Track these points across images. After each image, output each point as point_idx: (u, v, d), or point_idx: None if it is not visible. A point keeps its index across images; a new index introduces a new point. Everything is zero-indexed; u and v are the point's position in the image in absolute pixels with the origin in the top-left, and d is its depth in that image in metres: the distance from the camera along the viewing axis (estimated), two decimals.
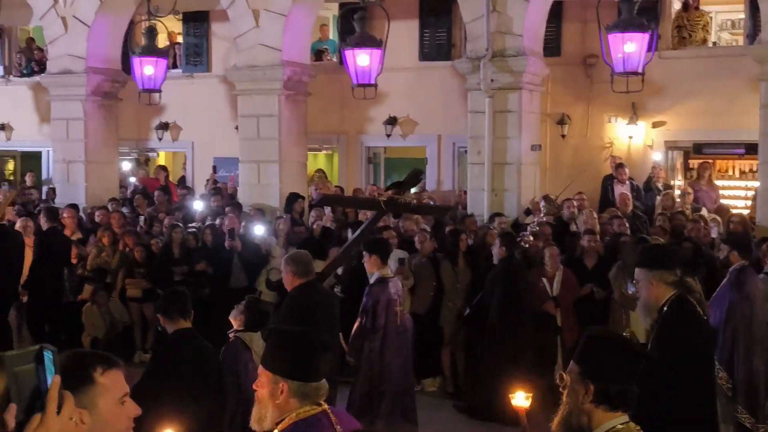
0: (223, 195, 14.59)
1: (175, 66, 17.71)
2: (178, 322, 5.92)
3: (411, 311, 9.40)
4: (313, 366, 3.58)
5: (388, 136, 16.39)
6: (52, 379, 2.22)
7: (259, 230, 11.24)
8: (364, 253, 8.18)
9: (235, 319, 6.49)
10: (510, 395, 4.14)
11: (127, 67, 14.73)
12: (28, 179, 18.29)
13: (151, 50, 13.71)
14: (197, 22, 17.81)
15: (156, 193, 14.93)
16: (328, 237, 11.36)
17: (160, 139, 18.35)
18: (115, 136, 15.49)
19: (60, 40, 14.76)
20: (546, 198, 11.82)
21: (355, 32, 12.08)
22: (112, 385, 2.86)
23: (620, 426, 3.21)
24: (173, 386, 5.70)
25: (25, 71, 19.41)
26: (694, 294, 5.42)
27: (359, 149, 17.18)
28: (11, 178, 20.30)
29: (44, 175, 19.69)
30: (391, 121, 16.31)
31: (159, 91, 13.83)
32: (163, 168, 17.93)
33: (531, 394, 4.11)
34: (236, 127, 15.11)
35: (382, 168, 17.64)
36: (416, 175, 9.06)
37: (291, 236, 11.48)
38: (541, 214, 11.26)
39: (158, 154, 20.20)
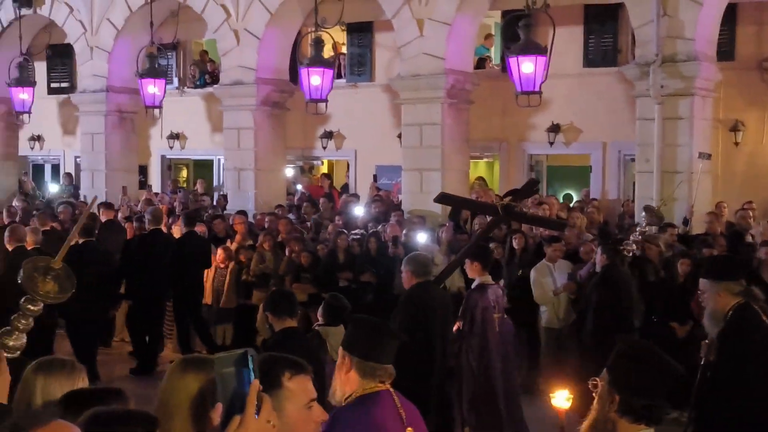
0: (385, 202, 14.77)
1: (339, 76, 18.09)
2: (285, 320, 6.16)
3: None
4: (378, 348, 3.97)
5: (551, 143, 16.18)
6: (252, 383, 2.30)
7: (421, 238, 11.31)
8: (466, 259, 8.26)
9: (319, 315, 6.94)
10: (551, 395, 4.15)
11: (294, 77, 15.19)
12: (200, 186, 19.10)
13: (318, 61, 14.05)
14: (361, 32, 18.15)
15: (321, 200, 15.28)
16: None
17: (324, 148, 18.79)
18: (283, 145, 15.98)
19: (232, 53, 15.36)
20: (647, 208, 11.28)
21: (518, 39, 12.00)
22: (299, 390, 2.94)
23: None
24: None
25: (198, 83, 20.29)
26: (758, 302, 5.55)
27: (521, 157, 17.04)
28: (184, 185, 21.25)
29: (215, 183, 20.53)
30: (554, 129, 16.11)
31: (325, 100, 14.14)
32: (327, 176, 18.35)
33: (572, 396, 4.08)
34: (398, 136, 15.30)
35: (545, 176, 17.41)
36: (532, 185, 9.28)
37: (453, 244, 11.49)
38: (644, 224, 10.78)
39: (322, 163, 20.67)
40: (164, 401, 3.41)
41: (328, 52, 16.07)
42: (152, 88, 15.61)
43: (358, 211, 14.13)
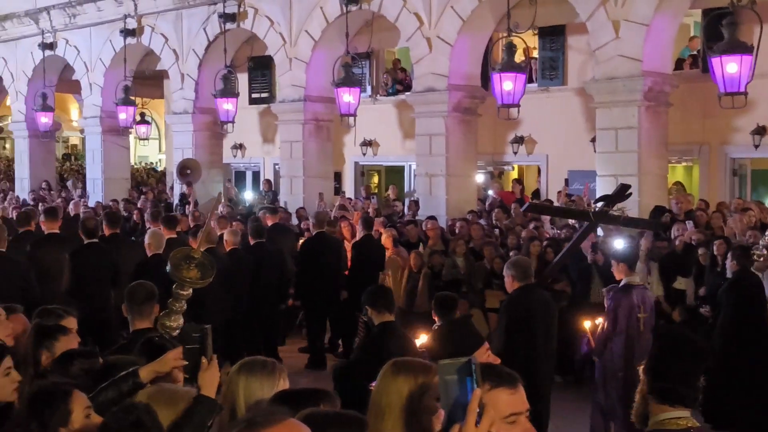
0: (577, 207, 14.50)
1: (530, 80, 17.93)
2: (384, 315, 6.44)
3: None
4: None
5: (756, 146, 15.37)
6: (474, 391, 2.30)
7: (619, 244, 11.00)
8: (612, 261, 8.51)
9: (433, 314, 7.04)
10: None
11: (486, 83, 15.18)
12: (391, 192, 19.44)
13: (510, 66, 13.98)
14: (553, 35, 17.93)
15: (513, 205, 15.19)
16: (690, 252, 10.89)
17: (515, 153, 18.67)
18: (474, 151, 16.00)
19: (424, 60, 15.55)
20: None
21: (721, 38, 11.49)
22: (497, 403, 2.91)
23: (669, 419, 3.54)
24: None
25: (390, 90, 20.67)
26: None
27: (722, 161, 16.29)
28: (375, 191, 21.69)
29: (406, 188, 20.83)
30: (760, 131, 15.29)
31: (517, 105, 14.06)
32: (519, 181, 18.23)
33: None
34: (592, 140, 14.99)
35: (749, 180, 16.56)
36: (624, 190, 9.26)
37: (653, 251, 11.14)
38: None
39: (513, 168, 20.56)
40: (376, 402, 3.49)
41: (519, 57, 15.98)
42: (347, 96, 16.03)
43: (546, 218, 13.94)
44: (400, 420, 3.36)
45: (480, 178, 19.77)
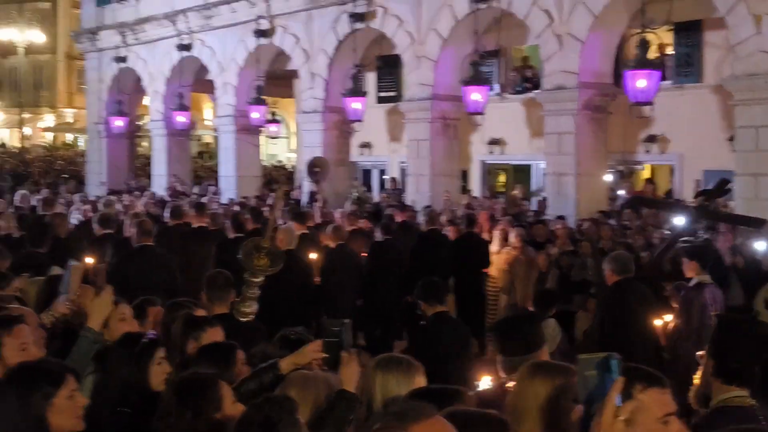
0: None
1: (664, 77, 17.45)
2: (435, 306, 6.84)
3: None
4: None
5: None
6: (613, 384, 2.27)
7: (760, 246, 10.60)
8: (683, 258, 8.41)
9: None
10: None
11: (617, 80, 14.85)
12: (518, 191, 19.27)
13: (644, 63, 13.64)
14: (689, 31, 17.37)
15: None
16: None
17: (647, 152, 18.21)
18: (604, 149, 15.68)
19: (554, 57, 15.33)
20: None
21: None
22: (651, 403, 2.86)
23: (733, 398, 3.66)
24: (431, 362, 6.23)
25: (518, 88, 20.48)
26: None
27: None
28: (502, 189, 21.54)
29: (532, 188, 20.60)
30: None
31: (650, 103, 13.70)
32: (650, 181, 17.77)
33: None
34: (729, 139, 14.47)
35: None
36: (723, 185, 9.41)
37: None
38: None
39: (644, 167, 20.05)
40: (513, 404, 3.48)
41: (653, 54, 15.58)
42: (475, 94, 15.97)
43: (678, 221, 13.50)
44: (538, 422, 3.34)
45: (609, 177, 19.38)
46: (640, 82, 13.52)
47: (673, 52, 18.01)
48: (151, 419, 3.49)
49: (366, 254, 11.40)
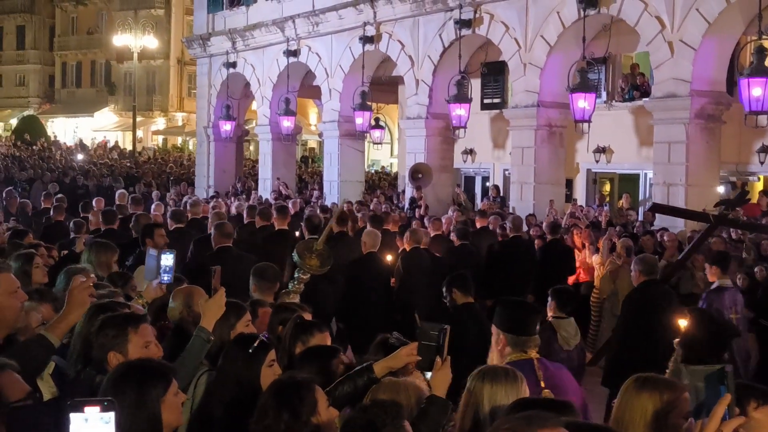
0: None
1: None
2: (467, 297, 7.22)
3: None
4: (524, 323, 4.71)
5: None
6: (723, 397, 2.22)
7: None
8: (705, 264, 9.26)
9: (548, 307, 7.19)
10: None
11: (731, 88, 14.40)
12: (625, 201, 18.88)
13: (760, 71, 13.19)
14: None
15: (759, 219, 14.32)
16: None
17: (761, 163, 17.61)
18: (717, 160, 15.23)
19: (665, 65, 14.97)
20: None
21: None
22: (765, 421, 2.79)
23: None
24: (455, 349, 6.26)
25: (627, 96, 20.09)
26: None
27: None
28: (608, 199, 21.15)
29: (640, 197, 20.16)
30: None
31: (766, 113, 13.24)
32: (766, 193, 17.16)
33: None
34: None
35: None
36: (743, 195, 10.01)
37: None
38: None
39: (759, 179, 19.39)
40: (618, 418, 3.40)
41: None
42: (582, 102, 15.72)
43: None
44: None
45: (722, 188, 18.82)
46: (755, 90, 13.08)
47: None
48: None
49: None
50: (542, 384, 4.47)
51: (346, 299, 10.10)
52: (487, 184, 23.30)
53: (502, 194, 20.59)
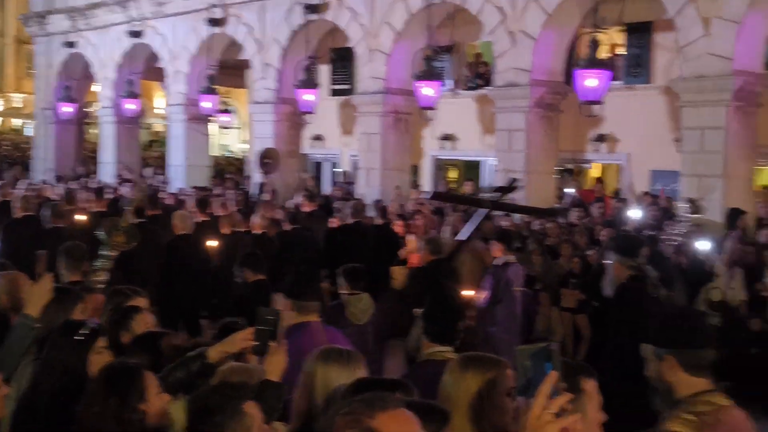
0: (660, 208, 14.22)
1: (615, 77, 17.59)
2: (256, 275, 7.61)
3: None
4: (303, 287, 5.21)
5: None
6: (548, 375, 2.26)
7: (703, 246, 10.75)
8: (491, 241, 9.88)
9: (339, 285, 7.50)
10: None
11: (569, 79, 14.95)
12: (469, 188, 19.29)
13: (595, 62, 13.74)
14: (640, 32, 17.53)
15: (592, 204, 14.94)
16: None
17: (596, 151, 18.37)
18: (555, 148, 15.78)
19: (507, 54, 15.38)
20: None
21: None
22: (594, 392, 2.94)
23: (436, 352, 4.61)
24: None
25: (471, 85, 20.52)
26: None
27: None
28: (453, 186, 21.57)
29: (483, 184, 20.65)
30: None
31: (600, 102, 13.81)
32: (599, 180, 17.92)
33: None
34: (675, 140, 14.66)
35: None
36: (511, 183, 10.64)
37: (735, 253, 10.82)
38: None
39: (591, 166, 20.22)
40: (444, 396, 3.45)
41: (604, 53, 15.71)
42: (427, 89, 15.96)
43: (634, 213, 13.71)
44: (467, 416, 3.31)
45: (558, 175, 19.51)
46: (590, 81, 13.63)
47: (625, 53, 18.16)
48: None
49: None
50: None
51: (160, 281, 10.18)
52: (336, 169, 23.35)
53: (350, 180, 20.66)
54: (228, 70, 23.17)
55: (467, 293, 8.69)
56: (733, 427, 3.24)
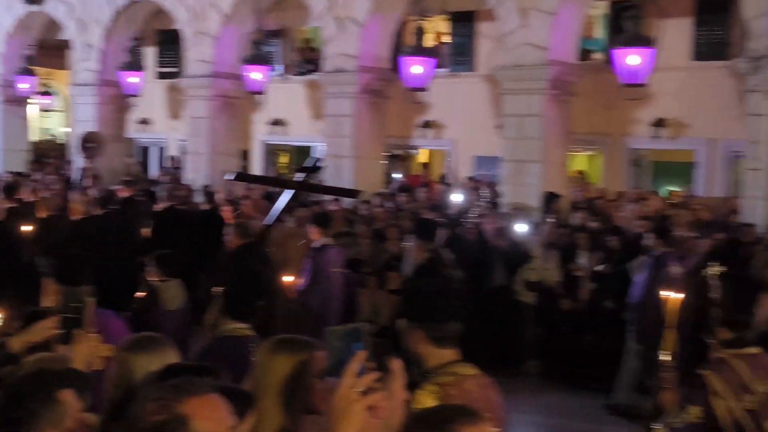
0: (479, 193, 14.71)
1: (440, 65, 18.00)
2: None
3: None
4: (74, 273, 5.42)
5: (655, 138, 15.77)
6: (356, 354, 2.32)
7: (521, 229, 11.20)
8: (308, 226, 9.95)
9: (154, 272, 7.41)
10: None
11: (396, 66, 15.19)
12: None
13: (419, 50, 14.03)
14: (464, 21, 18.00)
15: (418, 189, 15.26)
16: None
17: (423, 137, 18.75)
18: (382, 133, 16.00)
19: (335, 40, 15.46)
20: None
21: (624, 31, 11.76)
22: (400, 371, 3.02)
23: (235, 329, 4.81)
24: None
25: (301, 70, 20.51)
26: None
27: (623, 151, 16.66)
28: (284, 171, 21.53)
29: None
30: (659, 123, 15.69)
31: (425, 89, 14.11)
32: (425, 165, 18.32)
33: None
34: (497, 126, 15.18)
35: (650, 171, 16.98)
36: (314, 162, 11.04)
37: (551, 236, 11.34)
38: None
39: (418, 152, 20.64)
40: (255, 379, 3.46)
41: (430, 41, 16.07)
42: (255, 74, 15.85)
43: (456, 197, 14.11)
44: (277, 399, 3.33)
45: (386, 161, 19.80)
46: (415, 68, 13.91)
47: (450, 41, 18.60)
48: None
49: None
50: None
51: None
52: (164, 154, 22.82)
53: (178, 165, 20.25)
54: (49, 50, 22.17)
55: (287, 278, 8.86)
56: (475, 395, 3.42)
